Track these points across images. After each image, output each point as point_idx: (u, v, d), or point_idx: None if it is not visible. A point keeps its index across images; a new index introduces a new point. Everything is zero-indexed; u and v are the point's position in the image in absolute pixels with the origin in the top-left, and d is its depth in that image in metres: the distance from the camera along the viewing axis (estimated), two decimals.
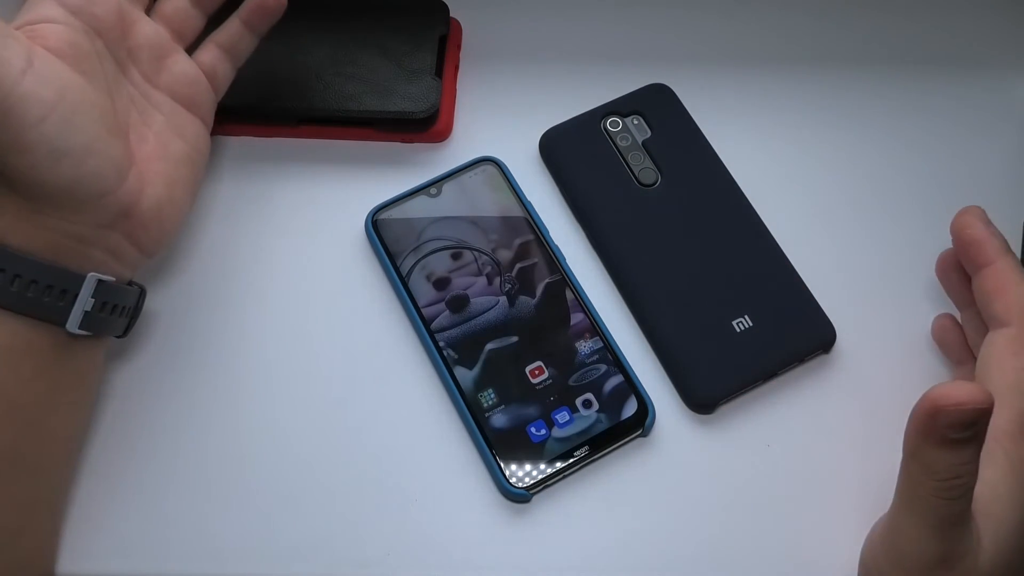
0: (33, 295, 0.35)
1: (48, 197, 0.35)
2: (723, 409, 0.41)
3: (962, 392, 0.30)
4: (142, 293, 0.40)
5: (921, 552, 0.33)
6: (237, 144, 0.48)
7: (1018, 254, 0.44)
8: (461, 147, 0.48)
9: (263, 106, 0.46)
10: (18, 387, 0.36)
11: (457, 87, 0.49)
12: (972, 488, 0.32)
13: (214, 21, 0.42)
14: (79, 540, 0.39)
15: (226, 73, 0.43)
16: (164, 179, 0.39)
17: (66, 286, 0.36)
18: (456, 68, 0.49)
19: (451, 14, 0.49)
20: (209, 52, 0.42)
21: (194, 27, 0.42)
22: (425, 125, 0.47)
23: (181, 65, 0.41)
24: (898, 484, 0.34)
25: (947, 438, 0.30)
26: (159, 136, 0.39)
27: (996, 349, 0.37)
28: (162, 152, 0.39)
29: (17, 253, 0.34)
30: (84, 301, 0.36)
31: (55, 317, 0.36)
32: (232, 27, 0.42)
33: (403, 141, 0.48)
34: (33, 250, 0.35)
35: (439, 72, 0.48)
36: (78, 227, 0.36)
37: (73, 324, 0.36)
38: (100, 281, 0.37)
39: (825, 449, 0.41)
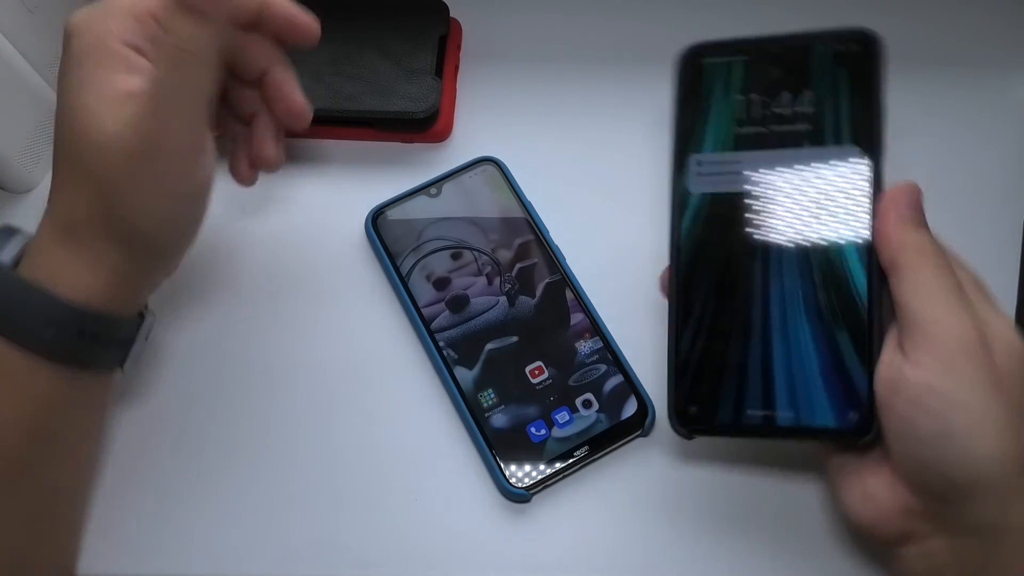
0: (105, 349, 0.35)
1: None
2: None
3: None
4: None
5: (956, 334, 0.31)
6: None
7: (1018, 254, 0.44)
8: (461, 147, 0.48)
9: None
10: (69, 430, 0.36)
11: (457, 87, 0.49)
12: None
13: None
14: (89, 542, 0.39)
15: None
16: None
17: (130, 336, 0.36)
18: (456, 68, 0.49)
19: (451, 14, 0.49)
20: None
21: None
22: (425, 125, 0.47)
23: None
24: (896, 298, 0.32)
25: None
26: None
27: None
28: None
29: (101, 314, 0.34)
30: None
31: (117, 364, 0.36)
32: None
33: (403, 141, 0.48)
34: (112, 308, 0.35)
35: (439, 72, 0.48)
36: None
37: (129, 365, 0.37)
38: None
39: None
